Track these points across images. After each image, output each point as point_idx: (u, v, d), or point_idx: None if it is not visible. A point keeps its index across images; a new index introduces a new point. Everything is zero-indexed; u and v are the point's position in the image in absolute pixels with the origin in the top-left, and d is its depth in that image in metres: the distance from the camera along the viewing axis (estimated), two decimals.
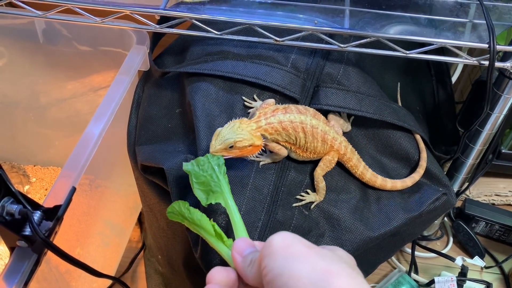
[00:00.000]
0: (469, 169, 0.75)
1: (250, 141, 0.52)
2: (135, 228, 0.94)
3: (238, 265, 0.38)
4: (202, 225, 0.43)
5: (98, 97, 0.89)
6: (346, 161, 0.59)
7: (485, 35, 0.57)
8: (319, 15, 0.61)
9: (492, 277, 0.88)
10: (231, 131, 0.51)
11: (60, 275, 0.70)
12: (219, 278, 0.38)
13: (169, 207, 0.45)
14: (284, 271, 0.31)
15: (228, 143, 0.50)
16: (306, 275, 0.30)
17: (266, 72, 0.60)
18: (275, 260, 0.32)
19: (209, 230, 0.42)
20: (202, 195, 0.46)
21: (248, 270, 0.36)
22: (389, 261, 0.89)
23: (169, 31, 0.61)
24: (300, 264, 0.31)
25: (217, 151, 0.50)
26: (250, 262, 0.36)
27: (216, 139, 0.51)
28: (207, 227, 0.42)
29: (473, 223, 0.91)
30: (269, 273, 0.32)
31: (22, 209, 0.46)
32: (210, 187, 0.46)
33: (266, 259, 0.33)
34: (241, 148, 0.51)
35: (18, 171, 1.00)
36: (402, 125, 0.60)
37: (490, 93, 0.60)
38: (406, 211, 0.59)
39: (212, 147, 0.51)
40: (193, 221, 0.43)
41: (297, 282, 0.30)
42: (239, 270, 0.37)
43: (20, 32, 0.81)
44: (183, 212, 0.44)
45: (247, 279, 0.37)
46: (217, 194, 0.45)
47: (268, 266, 0.32)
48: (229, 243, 0.42)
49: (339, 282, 0.30)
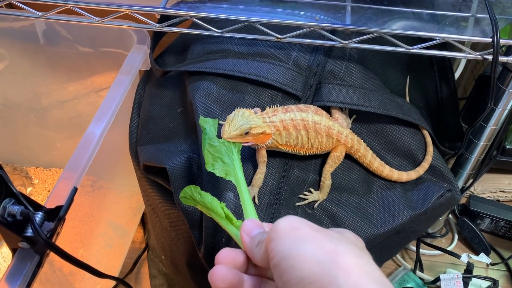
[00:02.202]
0: (474, 165, 0.75)
1: (263, 128, 0.51)
2: (138, 228, 0.94)
3: (246, 245, 0.37)
4: (212, 208, 0.43)
5: (100, 98, 0.89)
6: (354, 153, 0.58)
7: (488, 30, 0.56)
8: (320, 11, 0.61)
9: (498, 274, 0.88)
10: (243, 117, 0.50)
11: (64, 277, 0.70)
12: (228, 258, 0.37)
13: (182, 192, 0.44)
14: (290, 254, 0.31)
15: (244, 129, 0.49)
16: (312, 256, 0.30)
17: (268, 69, 0.59)
18: (281, 243, 0.32)
19: (219, 213, 0.42)
20: (211, 158, 0.45)
21: (256, 251, 0.36)
22: (394, 259, 0.89)
23: (170, 30, 0.61)
24: (306, 246, 0.31)
25: (232, 137, 0.49)
26: (258, 243, 0.36)
27: (230, 125, 0.49)
28: (217, 210, 0.42)
29: (478, 219, 0.91)
30: (275, 256, 0.32)
31: (23, 210, 0.46)
32: (221, 156, 0.45)
33: (273, 242, 0.32)
34: (254, 135, 0.51)
35: (21, 173, 1.00)
36: (407, 119, 0.60)
37: (494, 88, 0.59)
38: (410, 208, 0.58)
39: (226, 133, 0.49)
40: (204, 204, 0.43)
41: (303, 264, 0.30)
42: (247, 250, 0.37)
43: (21, 34, 0.81)
44: (195, 196, 0.44)
45: (255, 259, 0.36)
46: (228, 168, 0.45)
47: (275, 249, 0.32)
48: (238, 224, 0.42)
49: (346, 261, 0.30)
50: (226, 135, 0.49)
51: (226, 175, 0.45)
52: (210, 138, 0.46)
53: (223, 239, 0.54)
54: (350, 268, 0.29)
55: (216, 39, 0.65)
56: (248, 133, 0.50)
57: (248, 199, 0.43)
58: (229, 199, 0.54)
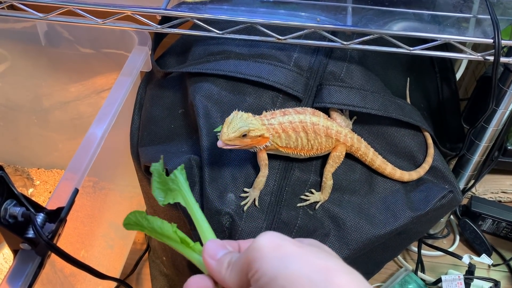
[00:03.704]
0: (475, 166, 0.74)
1: (261, 131, 0.51)
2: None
3: (213, 270, 0.35)
4: (164, 233, 0.39)
5: (101, 99, 0.89)
6: (354, 151, 0.58)
7: (490, 30, 0.56)
8: (321, 12, 0.61)
9: (499, 275, 0.88)
10: (241, 120, 0.50)
11: (65, 278, 0.70)
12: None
13: (125, 218, 0.41)
14: (279, 273, 0.29)
15: (243, 131, 0.49)
16: (304, 275, 0.29)
17: (269, 71, 0.59)
18: (267, 263, 0.30)
19: (172, 237, 0.39)
20: (161, 194, 0.43)
21: (226, 274, 0.34)
22: (395, 260, 0.89)
23: (171, 31, 0.61)
24: (295, 264, 0.30)
25: (230, 139, 0.49)
26: (227, 265, 0.34)
27: (228, 127, 0.50)
28: (170, 234, 0.39)
29: (480, 220, 0.91)
30: (262, 277, 0.30)
31: (25, 211, 0.46)
32: (167, 186, 0.43)
33: (257, 262, 0.31)
34: (252, 137, 0.51)
35: (22, 174, 1.01)
36: (408, 120, 0.60)
37: (495, 89, 0.59)
38: (412, 210, 0.58)
39: (225, 135, 0.49)
40: (154, 230, 0.40)
41: (296, 284, 0.28)
42: (215, 275, 0.35)
43: (22, 35, 0.82)
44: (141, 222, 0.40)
45: (226, 283, 0.34)
46: (174, 192, 0.42)
47: (261, 269, 0.30)
48: (197, 247, 0.39)
49: (340, 278, 0.29)
50: (224, 137, 0.49)
51: (174, 199, 0.42)
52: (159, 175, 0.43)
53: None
54: (344, 285, 0.28)
55: (217, 40, 0.65)
56: (246, 136, 0.50)
57: (202, 219, 0.40)
58: (230, 200, 0.54)
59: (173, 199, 0.42)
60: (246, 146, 0.51)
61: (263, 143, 0.53)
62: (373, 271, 0.69)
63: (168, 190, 0.43)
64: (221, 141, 0.49)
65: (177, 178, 0.42)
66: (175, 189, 0.42)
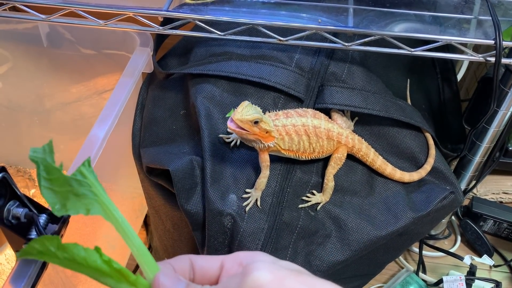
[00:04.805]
0: (476, 167, 0.74)
1: (271, 128, 0.51)
2: (141, 230, 0.94)
3: None
4: (90, 264, 0.29)
5: (103, 100, 0.89)
6: (356, 152, 0.58)
7: (491, 32, 0.56)
8: (322, 14, 0.61)
9: (501, 276, 0.88)
10: (256, 109, 0.50)
11: (67, 278, 0.70)
12: None
13: (26, 246, 0.30)
14: None
15: (257, 117, 0.49)
16: None
17: (270, 72, 0.59)
18: None
19: (102, 269, 0.30)
20: (54, 198, 0.31)
21: None
22: (396, 261, 0.89)
23: (173, 33, 0.61)
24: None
25: (243, 120, 0.48)
26: None
27: (244, 109, 0.49)
28: (99, 266, 0.29)
29: (481, 221, 0.91)
30: None
31: (27, 212, 0.46)
32: (70, 188, 0.31)
33: None
34: (261, 129, 0.50)
35: (24, 175, 1.01)
36: (409, 121, 0.60)
37: (496, 90, 0.59)
38: (413, 210, 0.58)
39: (238, 114, 0.48)
40: (75, 261, 0.29)
41: None
42: None
43: (24, 36, 0.82)
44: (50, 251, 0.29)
45: None
46: (88, 200, 0.31)
47: None
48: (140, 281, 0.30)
49: None
50: (237, 116, 0.48)
51: (89, 211, 0.31)
52: (48, 169, 0.31)
53: (226, 241, 0.54)
54: None
55: (218, 41, 0.65)
56: (257, 124, 0.49)
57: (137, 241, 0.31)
58: (232, 201, 0.54)
59: (85, 209, 0.31)
60: (251, 135, 0.50)
61: (267, 141, 0.52)
62: (374, 272, 0.69)
63: (70, 194, 0.31)
64: (233, 121, 0.49)
65: (87, 179, 0.31)
66: (85, 195, 0.31)
